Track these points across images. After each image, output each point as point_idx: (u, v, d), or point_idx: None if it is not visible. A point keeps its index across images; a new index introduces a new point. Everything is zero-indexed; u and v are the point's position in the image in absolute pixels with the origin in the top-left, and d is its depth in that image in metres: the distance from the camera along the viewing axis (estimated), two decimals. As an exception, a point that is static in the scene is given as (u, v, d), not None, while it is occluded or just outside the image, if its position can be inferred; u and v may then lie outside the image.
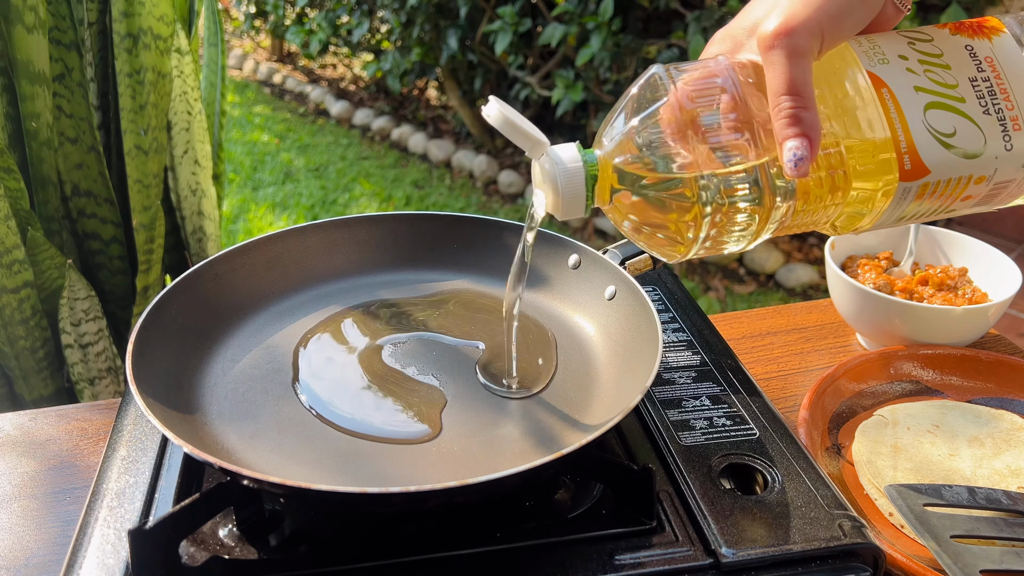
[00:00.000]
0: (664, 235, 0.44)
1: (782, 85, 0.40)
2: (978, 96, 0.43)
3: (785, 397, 0.67)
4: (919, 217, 0.46)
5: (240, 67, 4.46)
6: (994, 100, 0.43)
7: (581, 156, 0.43)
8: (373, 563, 0.43)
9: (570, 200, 0.44)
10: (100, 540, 0.44)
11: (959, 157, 0.42)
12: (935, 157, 0.42)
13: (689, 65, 0.43)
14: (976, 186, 0.44)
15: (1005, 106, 0.43)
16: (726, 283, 2.32)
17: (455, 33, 2.78)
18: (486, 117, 0.43)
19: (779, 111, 0.40)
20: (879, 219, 0.44)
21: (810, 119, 0.40)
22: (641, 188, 0.42)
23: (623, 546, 0.44)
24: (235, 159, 3.20)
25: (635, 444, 0.52)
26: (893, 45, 0.43)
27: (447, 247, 0.67)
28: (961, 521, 0.49)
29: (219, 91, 1.26)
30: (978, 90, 0.43)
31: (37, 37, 0.94)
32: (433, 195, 2.91)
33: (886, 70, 0.42)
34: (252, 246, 0.62)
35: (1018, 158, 0.43)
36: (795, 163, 0.39)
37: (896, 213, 0.44)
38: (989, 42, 0.44)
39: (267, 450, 0.49)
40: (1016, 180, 0.44)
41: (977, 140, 0.42)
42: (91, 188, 1.05)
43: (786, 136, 0.40)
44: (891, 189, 0.43)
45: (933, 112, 0.42)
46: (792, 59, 0.40)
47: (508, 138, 0.44)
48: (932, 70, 0.43)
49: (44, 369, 1.07)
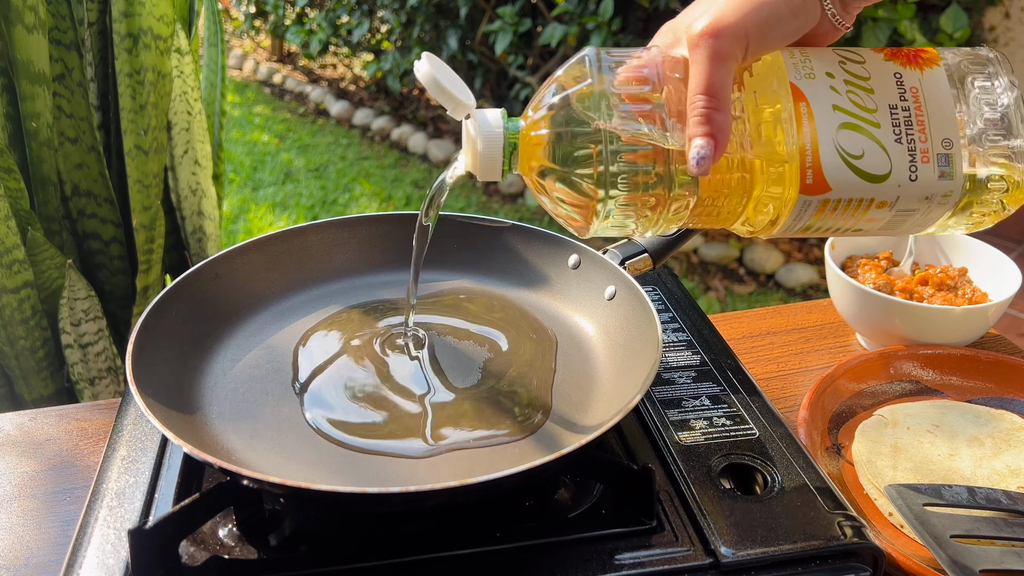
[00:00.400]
0: (572, 208, 0.45)
1: (700, 84, 0.41)
2: (894, 124, 0.43)
3: (785, 397, 0.67)
4: (825, 231, 0.46)
5: (240, 67, 4.46)
6: (909, 130, 0.43)
7: (504, 123, 0.45)
8: (373, 563, 0.43)
9: (487, 163, 0.45)
10: (100, 540, 0.44)
11: (862, 179, 0.43)
12: (838, 176, 0.43)
13: (622, 52, 0.44)
14: (879, 210, 0.44)
15: (919, 137, 0.43)
16: (726, 283, 2.32)
17: (455, 33, 2.78)
18: (416, 73, 0.45)
19: (693, 108, 0.41)
20: (783, 225, 0.45)
21: (720, 120, 0.41)
22: (554, 160, 0.44)
23: (623, 546, 0.44)
24: (235, 159, 3.20)
25: (635, 444, 0.52)
26: (824, 62, 0.44)
27: (447, 247, 0.67)
28: (961, 521, 0.49)
29: (219, 91, 1.26)
30: (895, 118, 0.43)
31: (37, 37, 0.94)
32: (433, 195, 2.90)
33: (809, 84, 0.43)
34: (252, 246, 0.62)
35: (922, 189, 0.44)
36: (697, 160, 0.41)
37: (799, 223, 0.45)
38: (920, 73, 0.44)
39: (267, 450, 0.49)
40: (920, 211, 0.45)
41: (883, 165, 0.43)
42: (91, 188, 1.05)
43: (694, 134, 0.41)
44: (791, 199, 0.43)
45: (845, 132, 0.43)
46: (714, 60, 0.41)
47: (434, 97, 0.46)
48: (855, 92, 0.43)
49: (44, 369, 1.07)
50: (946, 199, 0.44)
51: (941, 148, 0.43)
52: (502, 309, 0.62)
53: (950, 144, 0.43)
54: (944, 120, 0.44)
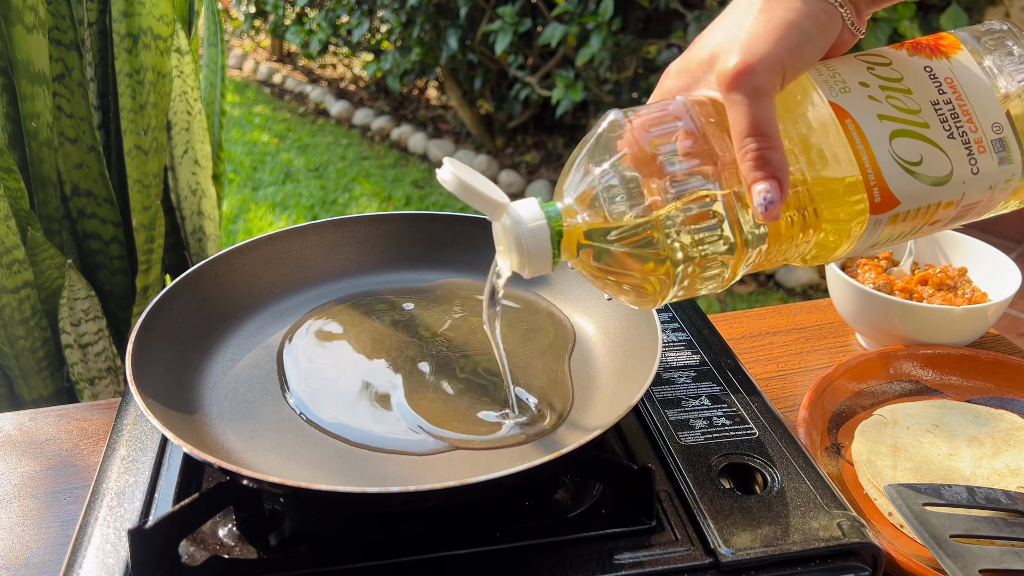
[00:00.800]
0: (634, 286, 0.42)
1: (747, 127, 0.39)
2: (941, 120, 0.41)
3: (785, 397, 0.67)
4: (889, 243, 0.45)
5: (240, 67, 4.46)
6: (957, 123, 0.42)
7: (544, 211, 0.41)
8: (373, 563, 0.43)
9: (536, 259, 0.41)
10: (100, 540, 0.44)
11: (927, 185, 0.41)
12: (904, 187, 0.41)
13: (647, 109, 0.41)
14: (945, 211, 0.43)
15: (968, 128, 0.42)
16: (726, 283, 2.32)
17: (455, 33, 2.78)
18: (442, 182, 0.41)
19: (745, 153, 0.39)
20: (851, 250, 0.44)
21: (777, 160, 0.38)
22: (608, 240, 0.40)
23: (623, 546, 0.44)
24: (235, 159, 3.20)
25: (635, 444, 0.52)
26: (853, 72, 0.42)
27: (447, 247, 0.67)
28: (960, 521, 0.49)
29: (219, 91, 1.26)
30: (941, 114, 0.42)
31: (37, 37, 0.94)
32: (433, 195, 2.91)
33: (848, 99, 0.41)
34: (252, 246, 0.62)
35: (985, 180, 0.42)
36: (766, 206, 0.38)
37: (867, 243, 0.43)
38: (948, 61, 0.43)
39: (267, 450, 0.49)
40: (983, 201, 0.43)
41: (944, 166, 0.41)
42: (91, 188, 1.05)
43: (754, 179, 0.38)
44: (863, 222, 0.41)
45: (899, 140, 0.41)
46: (755, 98, 0.39)
47: (466, 203, 0.42)
48: (894, 96, 0.41)
49: (44, 369, 1.07)
50: (1008, 184, 0.43)
51: (993, 133, 0.42)
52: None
53: (1000, 128, 0.42)
54: (988, 104, 0.42)
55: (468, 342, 0.58)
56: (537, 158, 3.08)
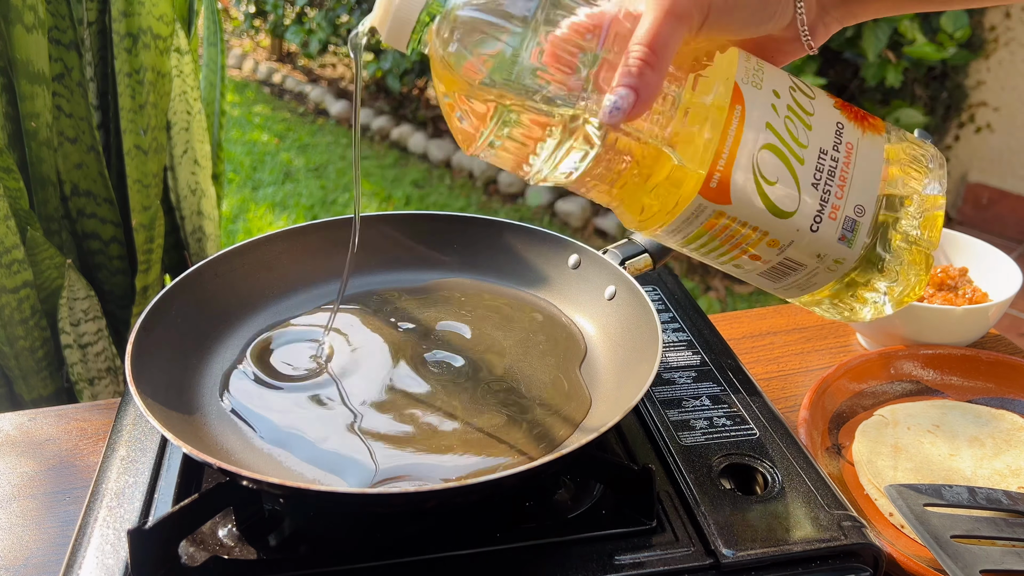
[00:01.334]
0: (466, 112, 0.41)
1: (644, 36, 0.38)
2: (818, 168, 0.41)
3: (785, 397, 0.67)
4: (705, 252, 0.44)
5: (240, 67, 4.46)
6: (830, 180, 0.41)
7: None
8: (373, 563, 0.43)
9: (396, 25, 0.41)
10: (100, 540, 0.44)
11: (764, 207, 0.41)
12: (743, 192, 0.40)
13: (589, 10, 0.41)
14: (768, 248, 0.42)
15: (836, 191, 0.41)
16: (726, 283, 2.32)
17: (455, 33, 2.77)
18: None
19: (628, 56, 0.38)
20: (668, 225, 0.42)
21: (651, 79, 0.38)
22: (463, 57, 0.40)
23: (623, 546, 0.44)
24: (235, 159, 3.20)
25: (635, 444, 0.52)
26: (776, 80, 0.42)
27: (447, 247, 0.67)
28: (961, 521, 0.49)
29: (219, 91, 1.26)
30: (821, 163, 0.41)
31: (36, 37, 0.94)
32: (433, 195, 2.91)
33: (752, 92, 0.41)
34: (252, 246, 0.62)
35: (817, 244, 0.41)
36: (611, 110, 0.38)
37: (685, 228, 0.42)
38: (862, 133, 0.43)
39: (267, 450, 0.49)
40: (806, 268, 0.42)
41: (791, 202, 0.41)
42: (90, 188, 1.05)
43: (619, 83, 0.38)
44: (688, 197, 0.41)
45: (767, 154, 0.40)
46: (666, 17, 0.38)
47: None
48: (793, 120, 0.41)
49: (44, 369, 1.06)
50: (836, 265, 0.42)
51: (852, 212, 0.41)
52: (503, 309, 0.62)
53: (862, 211, 0.41)
54: (866, 187, 0.41)
55: (466, 343, 0.58)
56: (537, 158, 3.08)
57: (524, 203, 2.77)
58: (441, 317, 0.61)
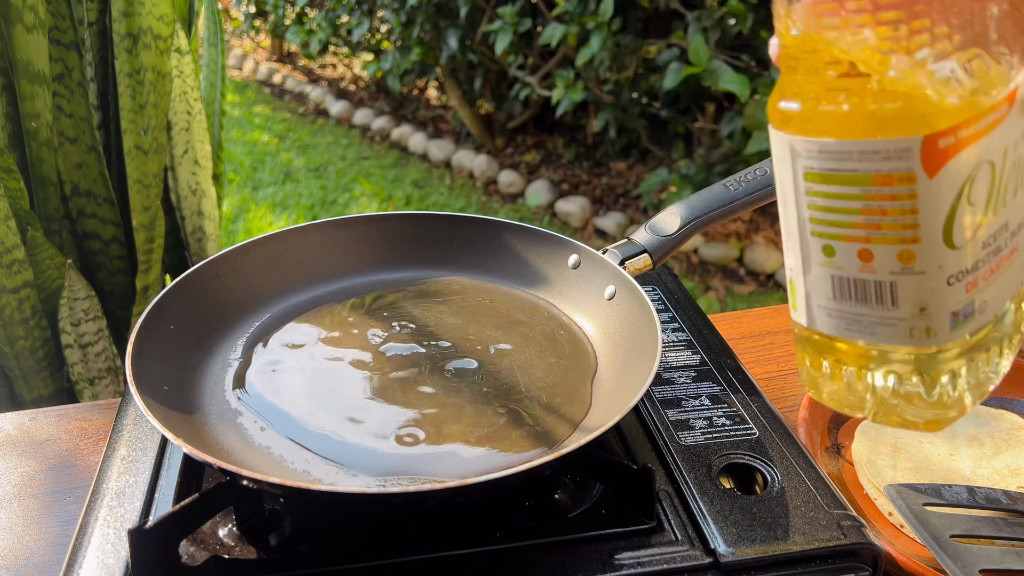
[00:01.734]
0: None
1: None
2: (996, 234, 0.34)
3: (785, 397, 0.67)
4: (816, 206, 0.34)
5: (240, 67, 4.46)
6: (991, 255, 0.34)
7: None
8: (373, 563, 0.43)
9: None
10: (100, 540, 0.44)
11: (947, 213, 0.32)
12: (951, 180, 0.31)
13: None
14: (894, 259, 0.33)
15: (986, 269, 0.34)
16: (726, 283, 2.32)
17: (455, 33, 2.78)
18: None
19: None
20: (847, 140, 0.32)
21: None
22: None
23: (623, 546, 0.44)
24: (235, 159, 3.20)
25: (635, 444, 0.52)
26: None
27: (447, 247, 0.67)
28: (961, 521, 0.49)
29: (219, 91, 1.26)
30: (999, 232, 0.34)
31: (37, 37, 0.94)
32: (433, 195, 2.91)
33: (1019, 113, 0.33)
34: (252, 246, 0.62)
35: (932, 297, 0.33)
36: None
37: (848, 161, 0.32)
38: None
39: (267, 450, 0.49)
40: (889, 311, 0.34)
41: (962, 238, 0.32)
42: (91, 188, 1.05)
43: None
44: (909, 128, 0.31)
45: (987, 170, 0.32)
46: None
47: None
48: (1015, 171, 0.34)
49: (44, 369, 1.07)
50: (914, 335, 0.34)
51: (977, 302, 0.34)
52: (503, 309, 0.62)
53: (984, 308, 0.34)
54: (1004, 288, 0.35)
55: (466, 343, 0.58)
56: (537, 158, 3.08)
57: (524, 203, 2.77)
58: (440, 317, 0.61)
